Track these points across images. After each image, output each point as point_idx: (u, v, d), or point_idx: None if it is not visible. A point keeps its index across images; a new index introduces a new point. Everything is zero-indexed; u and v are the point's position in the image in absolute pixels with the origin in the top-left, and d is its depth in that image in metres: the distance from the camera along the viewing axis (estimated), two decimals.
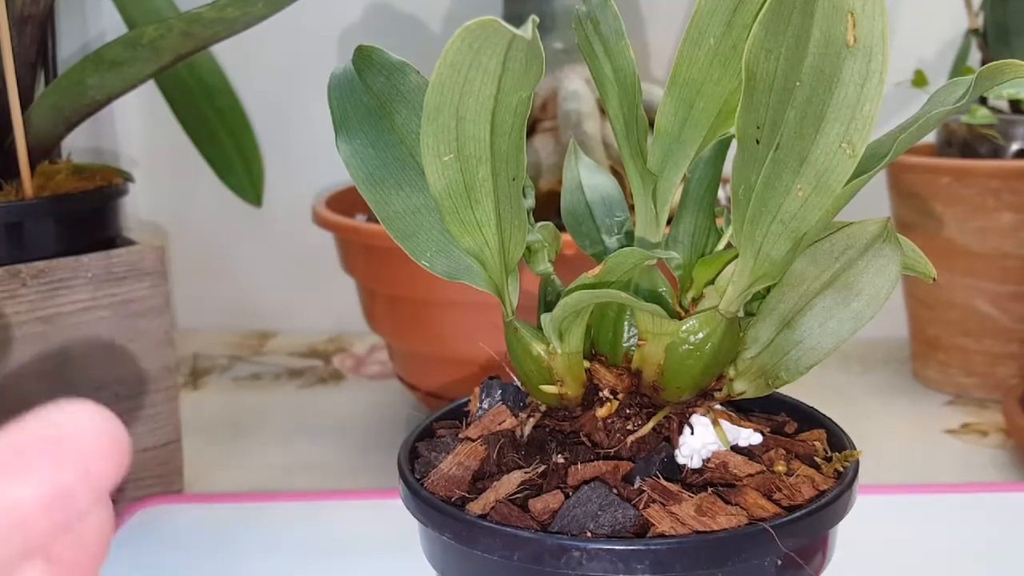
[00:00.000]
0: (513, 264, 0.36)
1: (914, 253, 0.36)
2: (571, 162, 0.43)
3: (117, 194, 0.61)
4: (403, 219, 0.37)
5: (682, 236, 0.40)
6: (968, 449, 0.68)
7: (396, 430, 0.74)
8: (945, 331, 0.76)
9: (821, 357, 0.35)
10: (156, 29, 0.53)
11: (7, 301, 0.54)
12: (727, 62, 0.34)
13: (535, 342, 0.36)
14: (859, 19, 0.28)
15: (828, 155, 0.30)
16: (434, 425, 0.41)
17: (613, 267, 0.33)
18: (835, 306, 0.35)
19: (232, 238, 0.97)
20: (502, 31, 0.28)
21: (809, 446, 0.37)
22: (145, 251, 0.58)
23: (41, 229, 0.57)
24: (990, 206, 0.71)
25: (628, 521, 0.32)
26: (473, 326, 0.63)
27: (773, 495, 0.34)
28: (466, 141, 0.32)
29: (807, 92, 0.30)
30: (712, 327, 0.35)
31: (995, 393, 0.75)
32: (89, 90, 0.56)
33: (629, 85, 0.36)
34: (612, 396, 0.36)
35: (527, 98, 0.32)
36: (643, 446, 0.36)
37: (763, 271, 0.33)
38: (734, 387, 0.37)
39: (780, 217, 0.32)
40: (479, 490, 0.35)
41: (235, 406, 0.81)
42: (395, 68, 0.37)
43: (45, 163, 0.60)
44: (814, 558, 0.34)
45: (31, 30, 0.60)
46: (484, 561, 0.33)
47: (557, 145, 0.70)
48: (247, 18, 0.54)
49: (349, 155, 0.37)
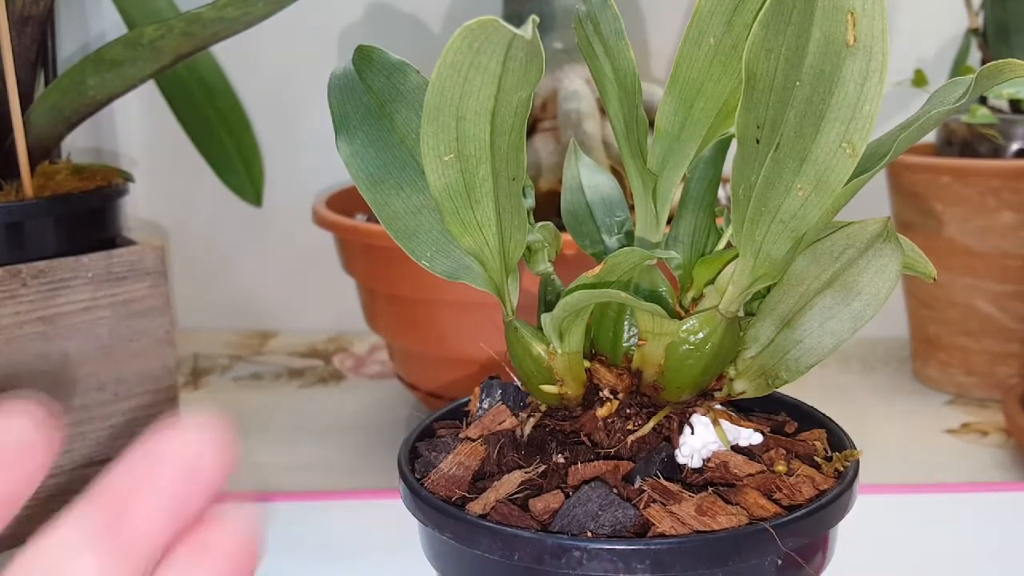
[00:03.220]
0: (513, 264, 0.36)
1: (914, 253, 0.36)
2: (571, 162, 0.43)
3: (117, 194, 0.61)
4: (403, 219, 0.37)
5: (682, 236, 0.40)
6: (968, 449, 0.68)
7: (396, 430, 0.74)
8: (945, 331, 0.76)
9: (821, 357, 0.35)
10: (156, 29, 0.53)
11: (7, 301, 0.54)
12: (727, 62, 0.34)
13: (535, 342, 0.36)
14: (859, 18, 0.28)
15: (828, 155, 0.30)
16: (434, 425, 0.41)
17: (613, 267, 0.33)
18: (835, 306, 0.35)
19: (232, 238, 0.97)
20: (502, 31, 0.28)
21: (809, 446, 0.37)
22: (145, 251, 0.58)
23: (41, 229, 0.57)
24: (990, 206, 0.71)
25: (628, 521, 0.32)
26: (473, 326, 0.63)
27: (773, 495, 0.34)
28: (466, 141, 0.32)
29: (807, 92, 0.30)
30: (712, 327, 0.35)
31: (995, 393, 0.75)
32: (89, 90, 0.56)
33: (629, 85, 0.36)
34: (612, 396, 0.36)
35: (527, 98, 0.32)
36: (643, 446, 0.36)
37: (763, 271, 0.33)
38: (734, 387, 0.37)
39: (780, 217, 0.32)
40: (479, 490, 0.35)
41: (235, 406, 0.81)
42: (395, 68, 0.37)
43: (45, 163, 0.60)
44: (814, 558, 0.34)
45: (31, 30, 0.60)
46: (484, 561, 0.33)
47: (557, 145, 0.70)
48: (247, 18, 0.53)
49: (349, 155, 0.37)
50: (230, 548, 0.21)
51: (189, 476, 0.20)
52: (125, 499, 0.20)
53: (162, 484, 0.20)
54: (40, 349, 0.55)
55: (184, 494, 0.20)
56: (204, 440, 0.21)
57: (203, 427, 0.21)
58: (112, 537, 0.20)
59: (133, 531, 0.20)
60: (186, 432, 0.21)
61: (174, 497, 0.20)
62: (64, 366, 0.56)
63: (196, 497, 0.20)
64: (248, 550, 0.21)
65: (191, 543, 0.20)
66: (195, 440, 0.21)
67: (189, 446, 0.20)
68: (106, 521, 0.20)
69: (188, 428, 0.21)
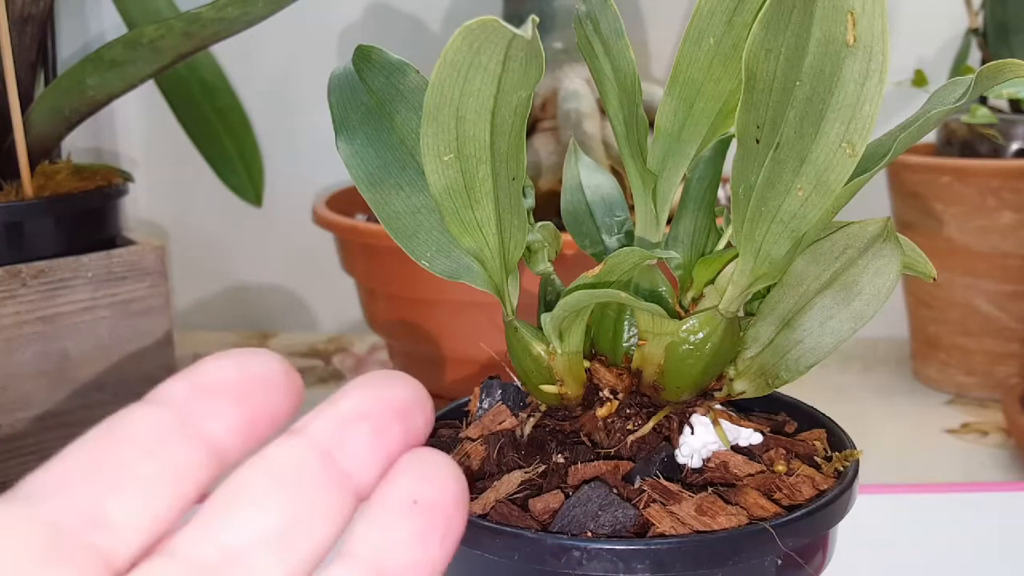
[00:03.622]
0: (513, 264, 0.36)
1: (914, 252, 0.36)
2: (571, 162, 0.43)
3: (117, 194, 0.61)
4: (403, 219, 0.37)
5: (682, 236, 0.40)
6: (968, 449, 0.68)
7: None
8: (945, 330, 0.76)
9: (821, 357, 0.35)
10: (156, 29, 0.53)
11: (7, 301, 0.54)
12: (727, 61, 0.34)
13: (535, 342, 0.36)
14: (859, 18, 0.28)
15: (828, 155, 0.30)
16: (434, 425, 0.41)
17: (613, 267, 0.33)
18: (835, 305, 0.35)
19: (232, 238, 0.97)
20: (502, 31, 0.28)
21: (809, 446, 0.37)
22: (145, 251, 0.58)
23: (41, 229, 0.57)
24: (990, 205, 0.71)
25: (628, 521, 0.32)
26: (473, 326, 0.63)
27: (773, 495, 0.34)
28: (466, 141, 0.32)
29: (807, 91, 0.30)
30: (712, 327, 0.35)
31: (995, 392, 0.75)
32: (89, 90, 0.56)
33: (629, 85, 0.35)
34: (612, 396, 0.36)
35: (527, 98, 0.32)
36: (643, 446, 0.36)
37: (763, 271, 0.33)
38: (734, 387, 0.37)
39: (780, 217, 0.32)
40: (479, 490, 0.35)
41: None
42: (395, 68, 0.37)
43: (45, 163, 0.60)
44: (814, 558, 0.34)
45: (31, 30, 0.60)
46: (484, 561, 0.33)
47: (557, 145, 0.70)
48: (247, 18, 0.53)
49: (349, 155, 0.37)
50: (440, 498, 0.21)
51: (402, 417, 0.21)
52: (341, 431, 0.20)
53: (377, 422, 0.20)
54: (40, 349, 0.55)
55: (398, 433, 0.20)
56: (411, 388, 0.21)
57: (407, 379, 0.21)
58: (328, 465, 0.20)
59: (348, 463, 0.20)
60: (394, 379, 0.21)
61: (388, 436, 0.20)
62: (64, 366, 0.56)
63: (408, 439, 0.21)
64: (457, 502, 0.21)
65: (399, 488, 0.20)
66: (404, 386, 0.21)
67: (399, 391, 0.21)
68: (322, 450, 0.20)
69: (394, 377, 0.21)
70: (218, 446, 0.19)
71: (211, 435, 0.19)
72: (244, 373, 0.20)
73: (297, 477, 0.19)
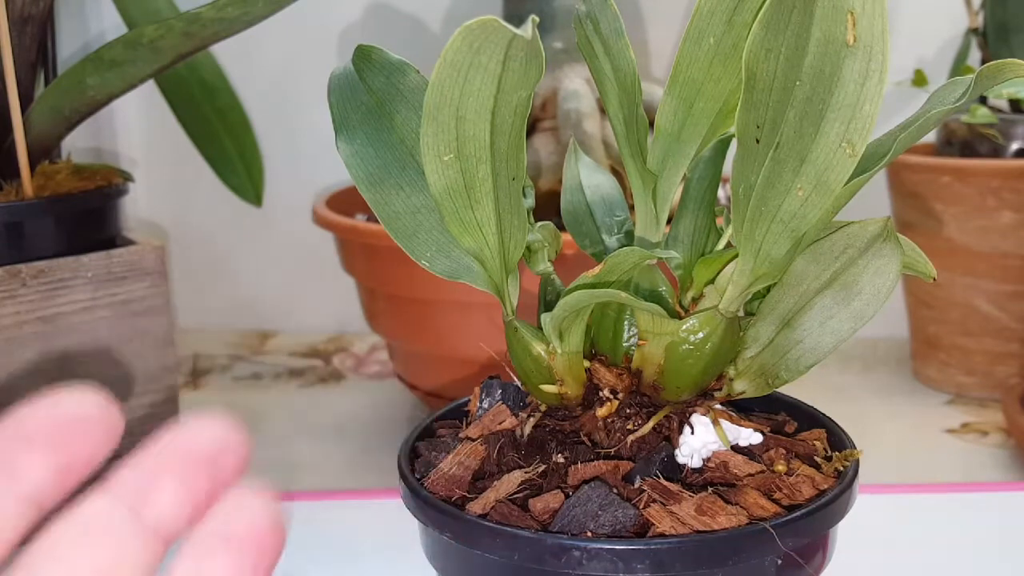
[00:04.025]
0: (513, 264, 0.36)
1: (914, 252, 0.36)
2: (571, 162, 0.43)
3: (117, 194, 0.61)
4: (403, 219, 0.37)
5: (682, 235, 0.40)
6: (968, 449, 0.68)
7: (396, 430, 0.74)
8: (945, 330, 0.76)
9: (821, 356, 0.35)
10: (156, 29, 0.53)
11: (7, 301, 0.54)
12: (727, 61, 0.34)
13: (535, 342, 0.36)
14: (859, 18, 0.28)
15: (828, 154, 0.30)
16: (434, 425, 0.41)
17: (613, 266, 0.33)
18: (835, 305, 0.35)
19: (232, 238, 0.97)
20: (502, 31, 0.28)
21: (809, 446, 0.37)
22: (145, 251, 0.58)
23: (41, 229, 0.57)
24: (990, 205, 0.71)
25: (628, 521, 0.32)
26: (473, 326, 0.63)
27: (773, 495, 0.34)
28: (466, 141, 0.32)
29: (807, 91, 0.30)
30: (712, 327, 0.35)
31: (995, 392, 0.75)
32: (89, 90, 0.56)
33: (629, 85, 0.35)
34: (612, 396, 0.36)
35: (527, 98, 0.32)
36: (643, 446, 0.36)
37: (763, 270, 0.33)
38: (734, 387, 0.37)
39: (780, 216, 0.32)
40: (479, 490, 0.35)
41: (235, 406, 0.81)
42: (395, 68, 0.37)
43: (45, 163, 0.60)
44: (814, 558, 0.34)
45: (31, 30, 0.60)
46: (484, 561, 0.33)
47: (557, 145, 0.70)
48: (247, 18, 0.53)
49: (349, 155, 0.37)
50: (251, 531, 0.21)
51: (208, 463, 0.21)
52: (146, 484, 0.21)
53: (182, 471, 0.21)
54: (40, 349, 0.55)
55: (204, 480, 0.21)
56: (220, 432, 0.21)
57: (217, 423, 0.22)
58: (134, 519, 0.20)
59: (155, 514, 0.20)
60: (202, 424, 0.21)
61: (195, 483, 0.21)
62: (64, 366, 0.56)
63: (216, 484, 0.21)
64: (270, 534, 0.21)
65: (211, 527, 0.21)
66: (212, 431, 0.21)
67: (207, 436, 0.21)
68: (128, 504, 0.20)
69: (203, 422, 0.21)
70: (35, 496, 0.20)
71: (28, 484, 0.20)
72: (57, 418, 0.21)
73: (105, 534, 0.20)
